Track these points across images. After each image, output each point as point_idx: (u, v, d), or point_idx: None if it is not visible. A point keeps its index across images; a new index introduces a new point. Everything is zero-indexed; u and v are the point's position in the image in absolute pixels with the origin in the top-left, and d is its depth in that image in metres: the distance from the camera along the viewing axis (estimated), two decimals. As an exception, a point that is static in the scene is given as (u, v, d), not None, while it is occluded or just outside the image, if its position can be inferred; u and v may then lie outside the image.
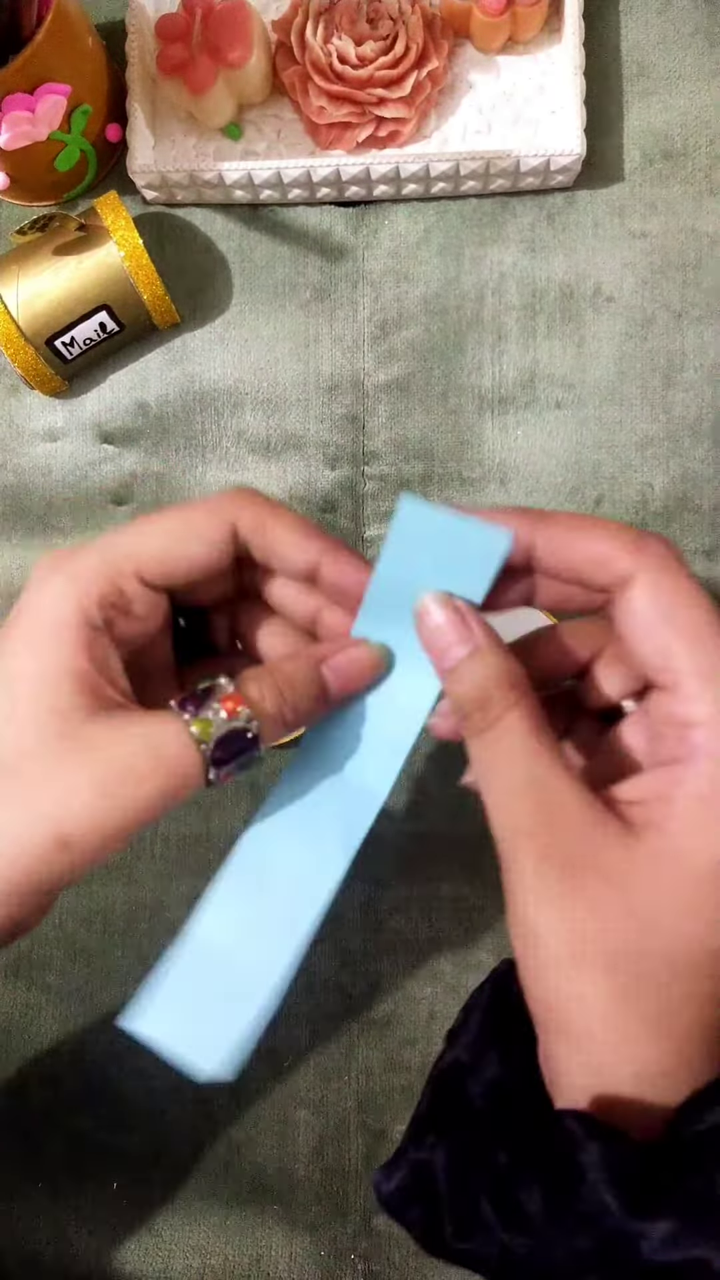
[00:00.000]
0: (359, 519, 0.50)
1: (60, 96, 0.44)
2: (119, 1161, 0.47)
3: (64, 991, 0.48)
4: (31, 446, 0.51)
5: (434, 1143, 0.27)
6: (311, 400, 0.50)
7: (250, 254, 0.51)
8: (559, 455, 0.49)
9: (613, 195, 0.50)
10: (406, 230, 0.50)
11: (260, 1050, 0.48)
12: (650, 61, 0.50)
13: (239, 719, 0.26)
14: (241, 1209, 0.46)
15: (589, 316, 0.49)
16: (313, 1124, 0.47)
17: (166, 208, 0.51)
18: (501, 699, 0.26)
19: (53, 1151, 0.47)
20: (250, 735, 0.27)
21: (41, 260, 0.46)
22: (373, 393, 0.50)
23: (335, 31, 0.46)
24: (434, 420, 0.50)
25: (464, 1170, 0.26)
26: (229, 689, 0.27)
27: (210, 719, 0.26)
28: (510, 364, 0.49)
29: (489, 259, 0.50)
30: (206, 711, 0.26)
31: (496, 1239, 0.24)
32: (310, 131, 0.48)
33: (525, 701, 0.26)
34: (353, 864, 0.28)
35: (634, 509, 0.49)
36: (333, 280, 0.50)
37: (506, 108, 0.48)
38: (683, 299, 0.49)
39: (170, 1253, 0.46)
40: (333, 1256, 0.46)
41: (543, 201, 0.50)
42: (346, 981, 0.47)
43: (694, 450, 0.49)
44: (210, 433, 0.50)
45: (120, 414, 0.51)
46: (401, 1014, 0.47)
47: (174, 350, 0.51)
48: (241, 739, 0.27)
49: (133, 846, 0.49)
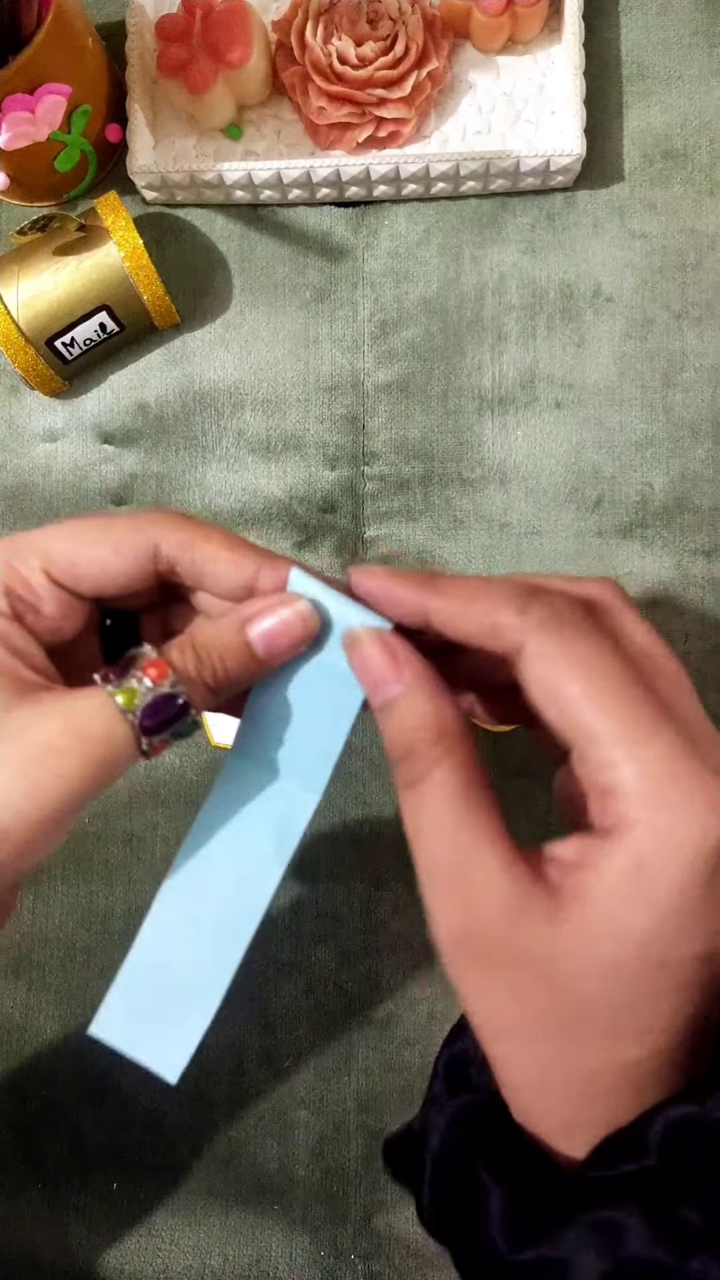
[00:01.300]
0: (359, 519, 0.50)
1: (60, 97, 0.44)
2: (119, 1161, 0.47)
3: (64, 991, 0.48)
4: (31, 446, 0.51)
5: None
6: (311, 400, 0.50)
7: (250, 254, 0.51)
8: (559, 455, 0.49)
9: (613, 195, 0.50)
10: (406, 231, 0.50)
11: (260, 1050, 0.48)
12: (650, 62, 0.50)
13: (165, 684, 0.25)
14: (241, 1209, 0.46)
15: (589, 317, 0.49)
16: (313, 1124, 0.47)
17: (166, 208, 0.51)
18: (426, 753, 0.25)
19: (53, 1151, 0.47)
20: (180, 701, 0.26)
21: (41, 261, 0.46)
22: (373, 393, 0.50)
23: (335, 32, 0.46)
24: (434, 420, 0.50)
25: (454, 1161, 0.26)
26: (151, 654, 0.26)
27: (135, 687, 0.25)
28: (510, 364, 0.49)
29: (489, 259, 0.50)
30: (129, 680, 0.25)
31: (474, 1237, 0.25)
32: (310, 132, 0.48)
33: (452, 756, 0.24)
34: (289, 867, 0.28)
35: (634, 509, 0.49)
36: (333, 280, 0.50)
37: (506, 108, 0.48)
38: (683, 299, 0.49)
39: (170, 1253, 0.46)
40: (333, 1256, 0.46)
41: (543, 202, 0.50)
42: (346, 981, 0.47)
43: (694, 450, 0.49)
44: (210, 433, 0.50)
45: (120, 414, 0.51)
46: (401, 1014, 0.47)
47: (174, 350, 0.51)
48: (171, 704, 0.25)
49: (132, 847, 0.49)
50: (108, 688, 0.25)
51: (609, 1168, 0.23)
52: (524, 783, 0.46)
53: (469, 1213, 0.24)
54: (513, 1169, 0.24)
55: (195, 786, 0.49)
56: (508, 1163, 0.25)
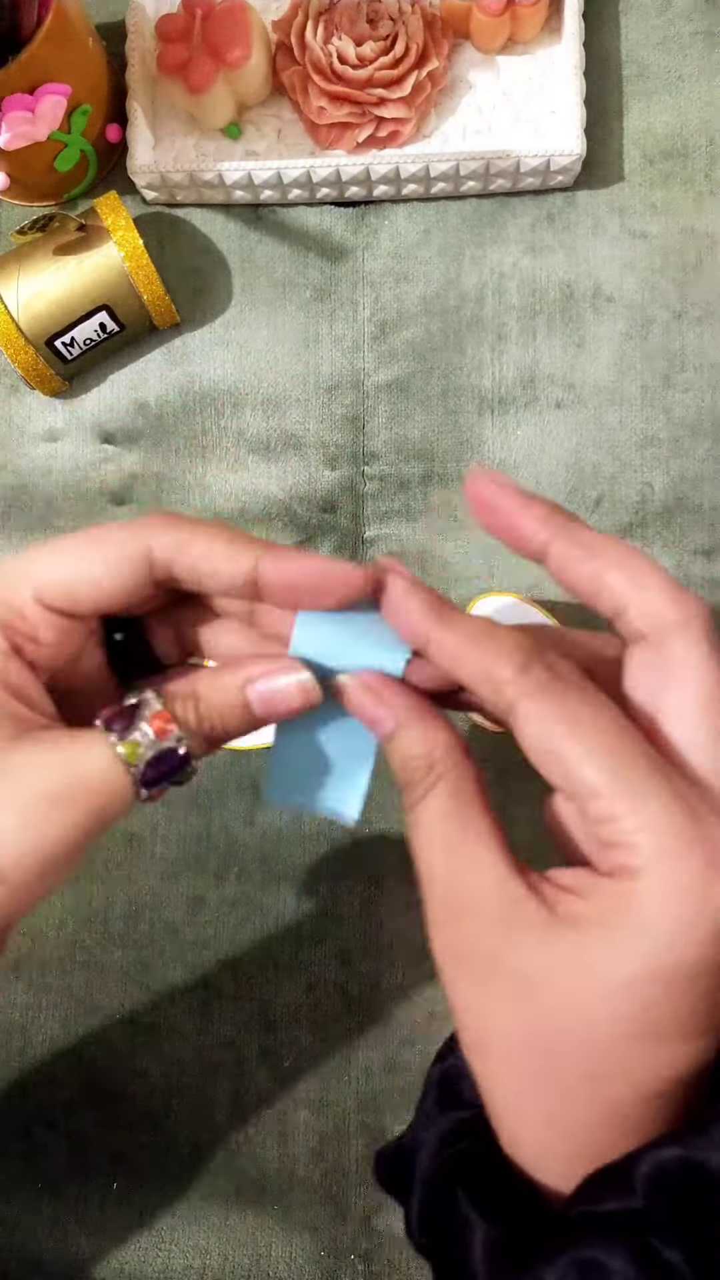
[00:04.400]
0: (359, 519, 0.50)
1: (60, 97, 0.44)
2: (119, 1161, 0.47)
3: (64, 991, 0.48)
4: (31, 446, 0.51)
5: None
6: (311, 400, 0.50)
7: (250, 254, 0.51)
8: (559, 455, 0.49)
9: (613, 195, 0.50)
10: (406, 230, 0.50)
11: (260, 1050, 0.48)
12: (650, 62, 0.50)
13: (169, 739, 0.26)
14: (241, 1209, 0.46)
15: (589, 317, 0.49)
16: (313, 1124, 0.47)
17: (166, 208, 0.51)
18: (422, 780, 0.25)
19: (53, 1151, 0.47)
20: (182, 753, 0.26)
21: (42, 260, 0.46)
22: (373, 393, 0.50)
23: (335, 32, 0.46)
24: (434, 420, 0.50)
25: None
26: (157, 706, 0.26)
27: (139, 740, 0.25)
28: (510, 364, 0.49)
29: (489, 259, 0.50)
30: (134, 732, 0.25)
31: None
32: (310, 131, 0.48)
33: (448, 780, 0.25)
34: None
35: (634, 509, 0.49)
36: (333, 280, 0.50)
37: (506, 108, 0.48)
38: (683, 299, 0.49)
39: (170, 1253, 0.46)
40: (333, 1256, 0.46)
41: (543, 201, 0.50)
42: (346, 981, 0.47)
43: (694, 450, 0.49)
44: (210, 433, 0.50)
45: (120, 414, 0.51)
46: (401, 1014, 0.47)
47: (174, 350, 0.51)
48: (173, 757, 0.26)
49: (132, 847, 0.49)
50: (111, 738, 0.25)
51: (594, 1204, 0.23)
52: (524, 786, 0.46)
53: (452, 1243, 0.24)
54: (497, 1201, 0.24)
55: (195, 786, 0.49)
56: (492, 1194, 0.25)
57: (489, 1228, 0.24)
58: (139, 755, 0.25)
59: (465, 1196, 0.25)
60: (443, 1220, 0.25)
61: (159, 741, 0.25)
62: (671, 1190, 0.22)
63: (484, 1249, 0.23)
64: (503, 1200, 0.25)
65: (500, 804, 0.26)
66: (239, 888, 0.48)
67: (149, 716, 0.26)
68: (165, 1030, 0.48)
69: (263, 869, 0.48)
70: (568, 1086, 0.24)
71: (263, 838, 0.48)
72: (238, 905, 0.48)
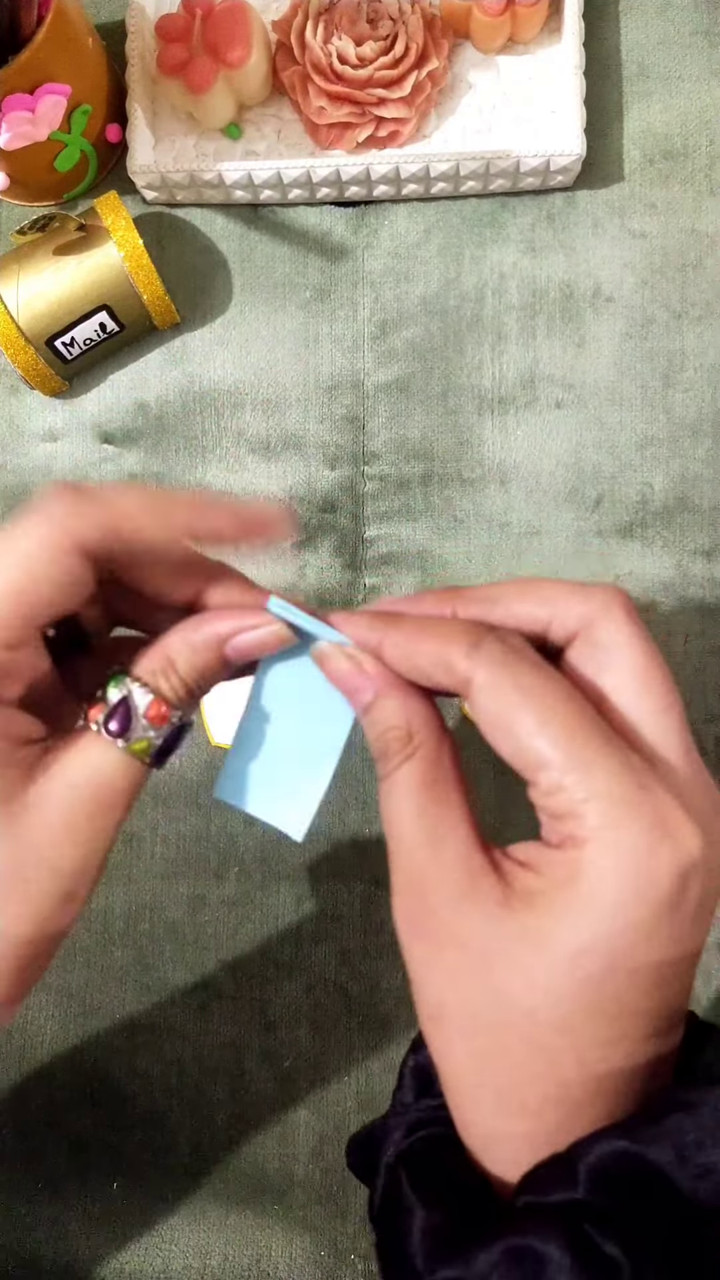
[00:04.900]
0: (359, 519, 0.50)
1: (60, 96, 0.44)
2: (119, 1161, 0.47)
3: (64, 991, 0.48)
4: (31, 446, 0.51)
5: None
6: (311, 400, 0.50)
7: (250, 254, 0.51)
8: (559, 455, 0.49)
9: (613, 195, 0.50)
10: (406, 230, 0.50)
11: (260, 1050, 0.48)
12: (650, 62, 0.50)
13: (170, 723, 0.26)
14: (241, 1209, 0.46)
15: (589, 316, 0.49)
16: (313, 1124, 0.47)
17: (166, 208, 0.51)
18: (398, 751, 0.26)
19: (53, 1151, 0.47)
20: (181, 723, 0.27)
21: (42, 260, 0.46)
22: (373, 393, 0.50)
23: (335, 32, 0.46)
24: (434, 420, 0.50)
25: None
26: (146, 698, 0.26)
27: (146, 738, 0.26)
28: (510, 364, 0.49)
29: (489, 259, 0.50)
30: (136, 731, 0.26)
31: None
32: (310, 131, 0.48)
33: (421, 753, 0.26)
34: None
35: (634, 509, 0.49)
36: (333, 280, 0.50)
37: (506, 108, 0.48)
38: (683, 299, 0.49)
39: (170, 1253, 0.46)
40: (333, 1256, 0.46)
41: (543, 201, 0.50)
42: (346, 981, 0.47)
43: (694, 450, 0.49)
44: (210, 433, 0.50)
45: (120, 414, 0.51)
46: (401, 1014, 0.47)
47: (174, 350, 0.51)
48: (178, 735, 0.27)
49: (132, 847, 0.49)
50: (119, 744, 0.26)
51: (538, 1195, 0.23)
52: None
53: (395, 1229, 0.24)
54: (440, 1188, 0.25)
55: (195, 786, 0.49)
56: (436, 1181, 0.25)
57: (428, 1213, 0.24)
58: (151, 749, 0.26)
59: (408, 1182, 0.25)
60: (389, 1205, 0.26)
61: (163, 729, 0.26)
62: (611, 1183, 0.22)
63: (421, 1234, 0.24)
64: (446, 1187, 0.25)
65: (500, 804, 0.26)
66: (239, 888, 0.48)
67: (144, 711, 0.26)
68: (165, 1030, 0.48)
69: (263, 869, 0.48)
70: (516, 1061, 0.24)
71: (263, 838, 0.48)
72: (238, 905, 0.48)
